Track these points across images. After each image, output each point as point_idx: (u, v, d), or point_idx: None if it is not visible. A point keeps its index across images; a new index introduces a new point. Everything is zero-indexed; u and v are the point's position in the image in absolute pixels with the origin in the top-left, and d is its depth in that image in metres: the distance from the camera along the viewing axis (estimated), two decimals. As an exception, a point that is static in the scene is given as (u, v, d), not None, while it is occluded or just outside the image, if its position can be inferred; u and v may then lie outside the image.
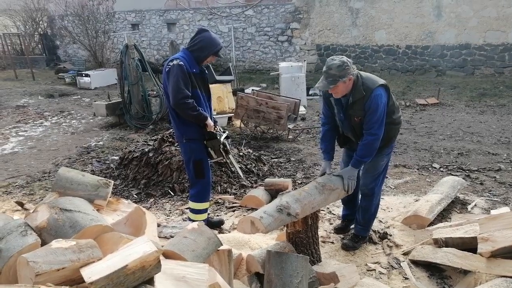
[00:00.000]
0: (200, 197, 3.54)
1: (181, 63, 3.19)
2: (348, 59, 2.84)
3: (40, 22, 19.43)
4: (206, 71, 3.54)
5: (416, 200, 4.12)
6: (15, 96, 11.69)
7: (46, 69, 17.52)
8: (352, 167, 2.97)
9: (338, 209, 3.95)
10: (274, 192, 4.21)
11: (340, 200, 3.53)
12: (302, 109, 7.90)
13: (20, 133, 7.88)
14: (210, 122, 3.37)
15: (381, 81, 2.92)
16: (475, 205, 4.02)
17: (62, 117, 9.18)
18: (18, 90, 12.65)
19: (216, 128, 3.44)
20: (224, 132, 3.54)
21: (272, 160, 5.74)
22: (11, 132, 7.94)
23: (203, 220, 3.50)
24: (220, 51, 3.38)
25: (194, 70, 3.29)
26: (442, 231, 3.16)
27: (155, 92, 8.22)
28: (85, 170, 5.34)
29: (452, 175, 4.82)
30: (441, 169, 5.20)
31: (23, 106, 10.34)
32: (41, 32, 19.50)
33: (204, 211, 3.62)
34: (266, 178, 4.79)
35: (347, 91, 2.86)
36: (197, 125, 3.34)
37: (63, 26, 16.77)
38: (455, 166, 5.25)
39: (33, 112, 9.66)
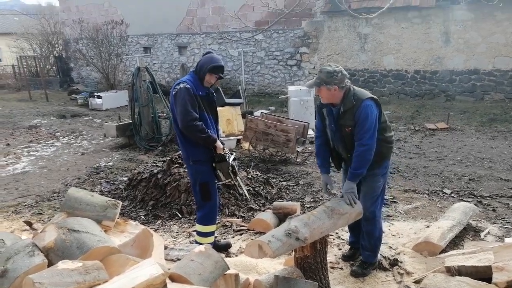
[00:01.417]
0: (206, 219, 3.52)
1: (188, 86, 3.26)
2: (344, 71, 2.93)
3: (56, 45, 20.03)
4: (214, 94, 3.58)
5: (427, 226, 4.04)
6: (29, 117, 11.92)
7: (60, 91, 17.91)
8: (348, 180, 2.99)
9: (347, 234, 3.89)
10: (282, 216, 4.16)
11: (347, 226, 3.49)
12: (310, 132, 7.90)
13: (31, 153, 7.98)
14: (219, 144, 3.39)
15: (372, 95, 3.00)
16: (488, 232, 3.93)
17: (73, 138, 9.30)
18: (31, 111, 12.91)
19: (224, 150, 3.45)
20: (232, 154, 3.55)
21: (281, 183, 5.71)
22: (23, 152, 8.05)
23: (210, 243, 3.46)
24: (217, 69, 3.33)
25: (201, 93, 3.34)
26: (455, 259, 3.08)
27: (165, 114, 8.32)
28: (94, 191, 5.36)
29: (464, 201, 4.73)
30: (452, 194, 5.12)
31: (35, 126, 10.53)
32: (56, 55, 20.06)
33: (211, 234, 3.59)
34: (274, 201, 4.75)
35: (333, 100, 2.96)
36: (204, 147, 3.36)
37: (78, 49, 17.24)
38: (466, 192, 5.16)
39: (45, 132, 9.82)
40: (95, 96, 13.31)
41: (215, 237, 3.72)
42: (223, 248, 3.74)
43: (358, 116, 2.88)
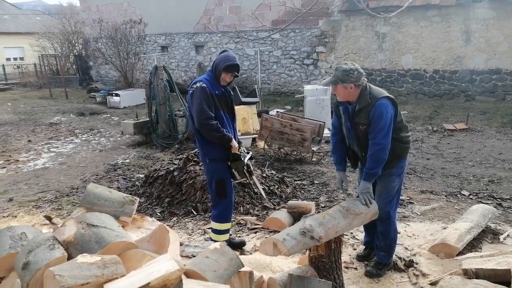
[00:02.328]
0: (222, 217, 3.55)
1: (204, 85, 3.29)
2: (360, 70, 2.90)
3: (76, 44, 20.41)
4: (232, 93, 3.58)
5: (444, 228, 3.97)
6: (49, 114, 12.20)
7: (79, 89, 18.26)
8: (364, 181, 2.97)
9: (362, 234, 3.86)
10: (296, 215, 4.16)
11: (362, 226, 3.46)
12: (326, 132, 7.86)
13: (51, 149, 8.17)
14: (234, 143, 3.41)
15: (388, 95, 2.97)
16: (508, 235, 3.84)
17: (91, 135, 9.47)
18: (52, 108, 13.20)
19: (240, 150, 3.46)
20: (248, 153, 3.55)
21: (295, 182, 5.70)
22: (43, 148, 8.24)
23: (224, 241, 3.48)
24: (231, 67, 3.32)
25: (217, 92, 3.35)
26: (472, 261, 3.02)
27: (181, 112, 8.40)
28: (111, 187, 5.45)
29: (483, 203, 4.64)
30: (471, 196, 5.02)
31: (55, 124, 10.76)
32: (76, 54, 20.45)
33: (225, 231, 3.61)
34: (289, 200, 4.75)
35: (350, 97, 2.94)
36: (221, 145, 3.38)
37: (97, 48, 17.53)
38: (485, 194, 5.06)
39: (64, 130, 10.03)
40: (113, 94, 13.52)
41: (230, 235, 3.74)
42: (237, 245, 3.76)
43: (372, 115, 2.86)
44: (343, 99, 3.00)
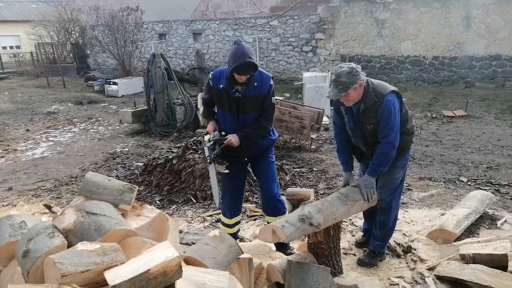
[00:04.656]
0: (222, 209, 3.47)
1: (210, 76, 3.16)
2: (357, 65, 2.78)
3: (72, 32, 20.19)
4: (239, 91, 3.02)
5: (442, 214, 4.00)
6: (47, 103, 12.14)
7: (76, 77, 18.15)
8: (368, 175, 2.89)
9: (361, 221, 3.88)
10: (296, 202, 4.18)
11: (362, 213, 3.47)
12: (325, 119, 7.85)
13: (50, 138, 8.15)
14: (212, 122, 3.27)
15: (393, 88, 2.86)
16: (505, 221, 3.86)
17: (90, 124, 9.45)
18: (49, 97, 13.14)
19: (208, 136, 3.16)
20: (212, 140, 3.08)
21: (294, 170, 5.71)
22: (41, 137, 8.22)
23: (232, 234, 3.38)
24: (239, 69, 2.87)
25: (221, 86, 3.03)
26: (470, 246, 3.05)
27: (180, 101, 8.36)
28: (110, 176, 5.46)
29: (481, 189, 4.66)
30: (469, 183, 5.04)
31: (53, 113, 10.72)
32: (73, 42, 20.26)
33: (226, 225, 3.47)
34: (288, 187, 4.77)
35: (359, 98, 2.79)
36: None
37: (94, 36, 17.36)
38: (483, 180, 5.08)
39: (62, 118, 10.00)
40: (111, 83, 13.45)
41: (237, 231, 3.57)
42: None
43: (381, 113, 2.75)
44: (353, 102, 2.79)
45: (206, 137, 3.18)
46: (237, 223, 3.51)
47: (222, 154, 3.08)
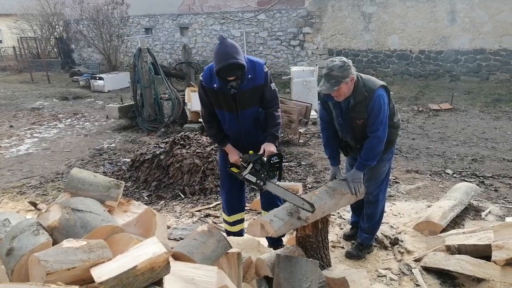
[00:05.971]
0: (224, 208, 3.42)
1: (201, 78, 2.90)
2: (348, 59, 2.75)
3: (56, 26, 19.80)
4: (234, 87, 2.78)
5: (429, 206, 4.06)
6: (31, 99, 11.91)
7: (61, 72, 17.82)
8: (356, 169, 2.90)
9: (349, 214, 3.91)
10: (284, 196, 4.18)
11: (349, 206, 3.50)
12: (313, 113, 7.87)
13: (35, 135, 8.01)
14: (231, 151, 3.00)
15: (382, 82, 2.85)
16: (489, 212, 3.95)
17: (75, 119, 9.31)
18: (33, 93, 12.89)
19: (244, 158, 2.89)
20: (255, 164, 2.83)
21: (283, 164, 5.71)
22: (26, 134, 8.07)
23: (236, 232, 3.37)
24: (223, 72, 2.64)
25: (215, 85, 2.81)
26: (455, 237, 3.10)
27: (167, 96, 8.29)
28: (97, 172, 5.39)
29: (466, 181, 4.74)
30: (454, 175, 5.12)
31: (38, 108, 10.53)
32: (57, 36, 19.88)
33: (228, 223, 3.40)
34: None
35: (349, 92, 2.77)
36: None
37: (78, 30, 17.07)
38: (468, 172, 5.17)
39: (47, 114, 9.83)
40: (97, 78, 13.25)
41: (241, 229, 3.46)
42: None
43: (371, 108, 2.74)
44: (344, 97, 2.77)
45: (235, 169, 2.93)
46: (238, 221, 3.40)
47: (267, 168, 2.83)
